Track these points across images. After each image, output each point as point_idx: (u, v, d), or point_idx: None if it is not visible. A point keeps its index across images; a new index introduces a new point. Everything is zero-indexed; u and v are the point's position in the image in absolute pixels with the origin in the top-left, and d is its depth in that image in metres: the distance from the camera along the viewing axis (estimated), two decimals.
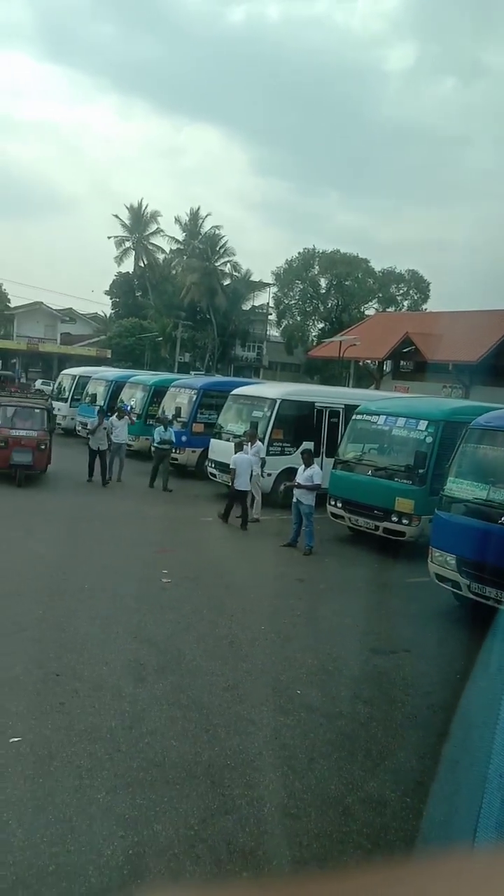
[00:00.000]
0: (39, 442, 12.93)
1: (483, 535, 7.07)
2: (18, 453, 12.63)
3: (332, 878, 0.48)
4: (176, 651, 6.14)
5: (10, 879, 3.30)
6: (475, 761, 1.65)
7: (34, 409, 13.59)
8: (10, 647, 5.87)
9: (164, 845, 3.64)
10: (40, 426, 13.22)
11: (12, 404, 13.59)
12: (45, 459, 13.25)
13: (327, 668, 6.06)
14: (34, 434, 12.94)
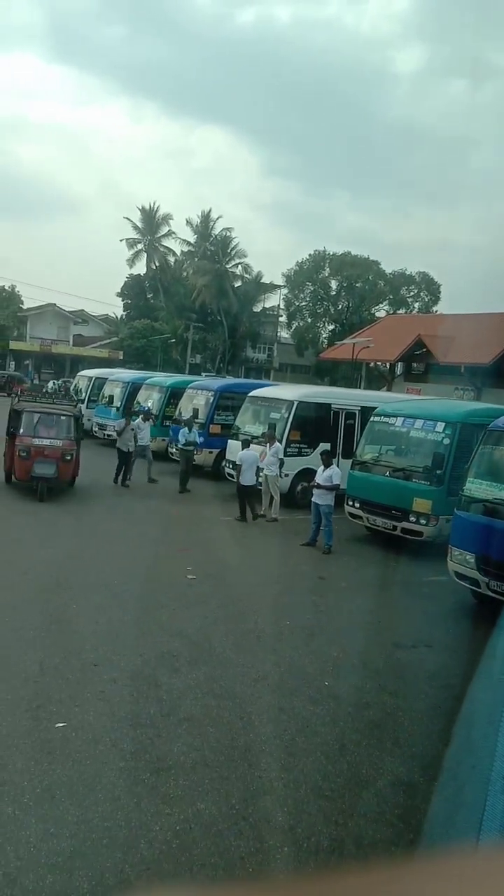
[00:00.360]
0: (64, 452, 11.84)
1: (502, 534, 7.26)
2: (41, 465, 11.54)
3: (333, 878, 0.48)
4: (206, 644, 6.37)
5: (68, 851, 3.53)
6: (478, 763, 1.65)
7: (60, 417, 12.40)
8: (47, 640, 6.11)
9: (208, 822, 3.87)
10: (66, 435, 12.16)
11: (37, 410, 12.46)
12: (71, 471, 12.30)
13: (352, 661, 6.27)
14: (59, 444, 11.86)
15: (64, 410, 12.73)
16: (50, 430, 12.09)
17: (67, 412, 12.72)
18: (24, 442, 11.74)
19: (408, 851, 3.50)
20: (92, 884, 3.32)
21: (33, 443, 11.71)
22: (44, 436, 11.91)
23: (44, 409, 12.59)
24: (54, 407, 12.89)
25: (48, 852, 3.50)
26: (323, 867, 3.61)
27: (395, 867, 0.49)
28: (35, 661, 5.62)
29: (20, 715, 4.79)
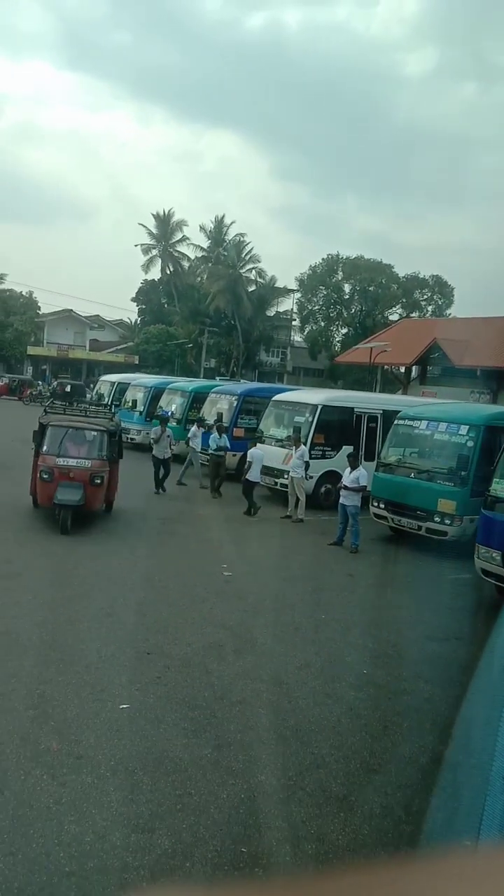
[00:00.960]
0: (94, 474, 10.01)
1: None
2: (64, 489, 9.69)
3: (332, 877, 0.48)
4: (248, 635, 6.75)
5: (146, 814, 3.91)
6: (477, 762, 1.66)
7: (90, 432, 10.54)
8: (101, 631, 6.51)
9: (269, 791, 4.24)
10: (97, 454, 10.35)
11: (63, 424, 10.63)
12: (102, 496, 10.48)
13: (388, 651, 6.62)
14: (87, 464, 10.07)
15: (96, 424, 10.88)
16: (79, 448, 10.32)
17: (100, 426, 10.80)
18: (47, 462, 9.97)
19: (408, 849, 3.50)
20: (172, 841, 3.70)
21: (56, 463, 9.90)
22: (70, 454, 10.18)
23: (72, 423, 10.78)
24: (85, 421, 11.07)
25: (129, 815, 3.88)
26: (322, 867, 3.66)
27: (396, 866, 0.48)
28: (93, 651, 6.01)
29: (86, 698, 5.18)
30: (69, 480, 9.85)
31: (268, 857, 3.68)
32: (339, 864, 3.56)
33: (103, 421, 11.34)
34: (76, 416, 11.44)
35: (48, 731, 4.66)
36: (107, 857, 3.55)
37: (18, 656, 5.77)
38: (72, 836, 3.67)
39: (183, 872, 3.49)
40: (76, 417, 11.35)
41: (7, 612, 6.73)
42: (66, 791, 4.04)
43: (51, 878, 3.37)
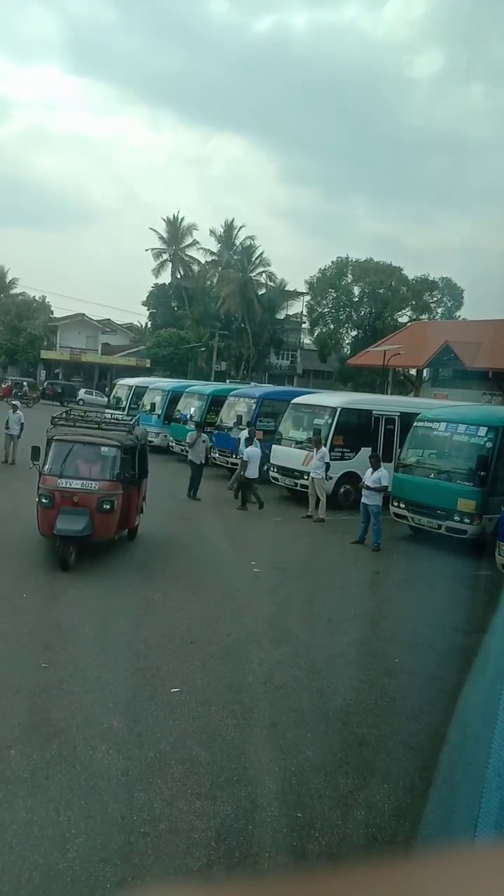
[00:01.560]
0: (103, 499, 8.34)
1: None
2: (66, 517, 8.10)
3: (331, 875, 0.48)
4: (283, 626, 7.10)
5: (207, 784, 4.26)
6: (474, 760, 1.63)
7: (100, 448, 8.83)
8: (144, 621, 6.88)
9: (317, 765, 4.58)
10: (109, 474, 8.63)
11: (69, 439, 8.88)
12: (114, 523, 8.62)
13: (417, 641, 6.95)
14: (94, 487, 8.40)
15: (110, 439, 9.04)
16: (86, 467, 8.68)
17: (114, 441, 8.98)
18: (48, 484, 8.43)
19: (406, 847, 3.56)
20: (233, 807, 4.04)
21: (58, 485, 8.33)
22: (76, 475, 8.53)
23: (79, 437, 9.01)
24: (97, 435, 9.26)
25: (192, 785, 4.23)
26: (321, 865, 3.71)
27: (395, 865, 0.48)
28: (139, 640, 6.38)
29: (140, 682, 5.54)
30: (73, 506, 8.21)
31: (322, 821, 4.02)
32: (338, 863, 3.47)
33: (119, 435, 9.38)
34: (88, 429, 9.54)
35: (108, 712, 5.02)
36: (176, 820, 3.90)
37: (74, 644, 6.14)
38: (142, 802, 4.03)
39: (244, 837, 3.84)
40: (87, 431, 9.43)
41: (61, 606, 7.11)
42: (132, 764, 4.40)
43: (128, 837, 3.73)
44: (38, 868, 3.44)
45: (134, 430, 10.07)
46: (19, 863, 3.46)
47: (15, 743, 4.49)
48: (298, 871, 3.75)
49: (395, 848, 3.75)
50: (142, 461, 9.85)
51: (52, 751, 4.45)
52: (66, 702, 5.11)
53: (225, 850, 3.71)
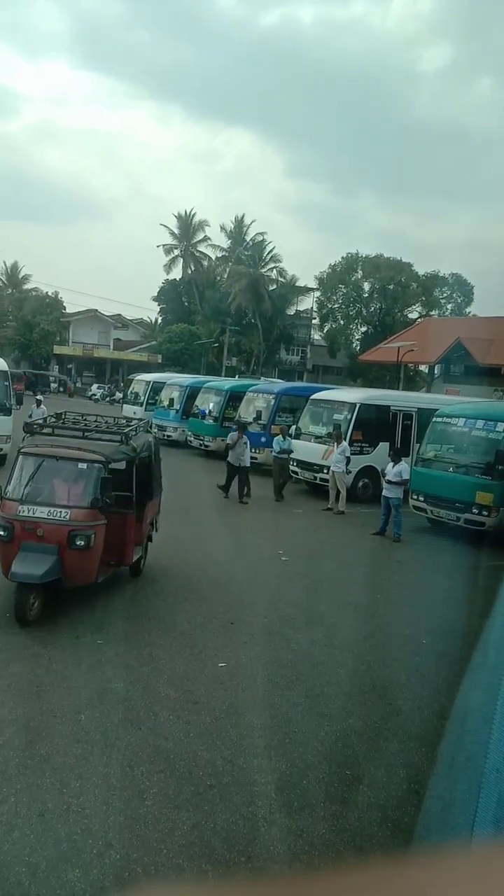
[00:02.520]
0: (76, 532, 6.28)
1: None
2: (25, 557, 6.19)
3: (331, 874, 0.47)
4: (314, 610, 7.52)
5: (262, 745, 4.69)
6: (472, 756, 1.65)
7: (76, 464, 6.74)
8: (186, 603, 7.31)
9: (360, 731, 5.01)
10: (87, 498, 6.53)
11: (40, 453, 6.88)
12: (93, 564, 6.50)
13: (444, 625, 7.35)
14: (65, 516, 6.37)
15: (92, 451, 6.84)
16: (61, 490, 6.71)
17: (96, 455, 6.78)
18: (7, 511, 6.44)
19: (406, 841, 3.60)
20: (288, 765, 4.47)
21: (17, 513, 6.37)
22: (45, 500, 6.54)
23: (51, 450, 6.91)
24: (76, 446, 7.01)
25: (248, 746, 4.66)
26: (321, 865, 3.84)
27: (395, 865, 0.48)
28: (183, 620, 6.81)
29: (188, 657, 5.98)
30: (37, 541, 6.26)
31: (368, 778, 4.44)
32: (337, 862, 3.49)
33: (106, 446, 7.13)
34: (68, 438, 7.37)
35: (164, 682, 5.46)
36: (237, 775, 4.33)
37: (122, 624, 6.57)
38: (205, 760, 4.46)
39: (301, 789, 4.26)
40: (66, 441, 7.23)
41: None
42: (192, 728, 4.83)
43: (197, 789, 4.16)
44: (122, 813, 3.87)
45: (131, 438, 7.49)
46: (104, 808, 3.89)
47: (84, 709, 4.93)
48: (298, 870, 3.76)
49: (396, 842, 3.80)
50: (146, 477, 7.76)
51: (118, 716, 4.88)
52: (123, 674, 5.54)
53: (284, 800, 4.13)
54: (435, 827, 2.06)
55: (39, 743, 4.46)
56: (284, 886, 0.52)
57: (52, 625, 6.29)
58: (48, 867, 3.41)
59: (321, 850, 3.75)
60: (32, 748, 4.39)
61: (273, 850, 3.70)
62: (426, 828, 2.33)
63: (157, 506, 8.48)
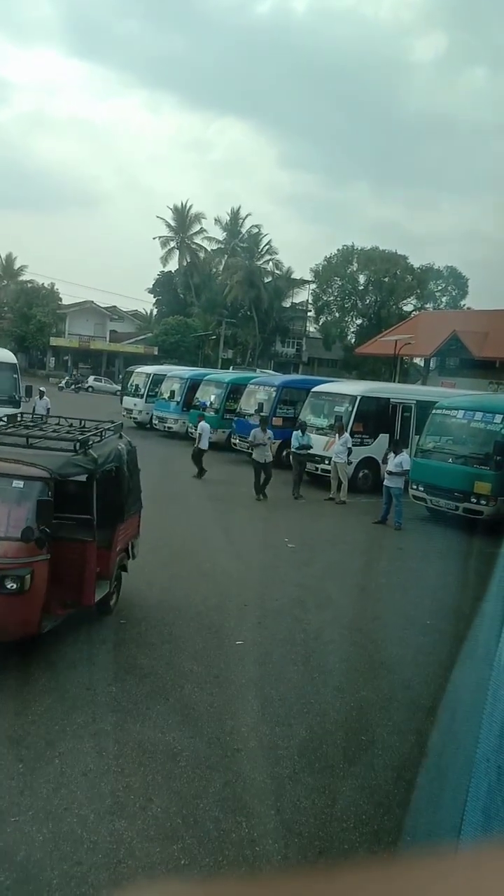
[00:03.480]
0: (5, 573, 5.00)
1: None
2: None
3: (330, 874, 0.47)
4: (324, 593, 7.87)
5: (282, 714, 5.03)
6: (462, 746, 1.68)
7: (10, 483, 5.34)
8: (201, 587, 7.62)
9: (372, 702, 5.36)
10: (19, 528, 5.15)
11: None
12: (34, 609, 5.16)
13: (444, 608, 7.70)
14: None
15: (32, 465, 5.42)
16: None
17: (37, 471, 5.39)
18: None
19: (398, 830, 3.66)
20: (308, 732, 4.81)
21: None
22: None
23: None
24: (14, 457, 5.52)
25: (269, 715, 5.00)
26: (320, 863, 3.65)
27: (394, 863, 0.48)
28: (199, 602, 7.14)
29: (207, 636, 6.31)
30: None
31: (382, 743, 4.79)
32: (335, 860, 3.58)
33: (53, 458, 5.58)
34: (12, 445, 5.88)
35: (186, 658, 5.79)
36: (262, 740, 4.67)
37: (141, 606, 6.89)
38: (230, 727, 4.80)
39: (321, 753, 4.60)
40: (8, 449, 5.72)
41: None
42: (215, 699, 5.17)
43: (226, 752, 4.50)
44: (159, 772, 4.21)
45: (91, 446, 5.94)
46: (142, 770, 4.22)
47: (114, 682, 5.26)
48: (297, 869, 3.63)
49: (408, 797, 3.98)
50: (116, 494, 6.32)
51: (146, 688, 5.22)
52: (147, 651, 5.87)
53: (306, 762, 4.48)
54: (426, 816, 2.20)
55: (76, 712, 4.78)
56: (283, 885, 0.50)
57: None
58: (96, 818, 3.74)
59: (343, 805, 4.10)
60: (70, 716, 4.71)
61: (300, 805, 4.04)
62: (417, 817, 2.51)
63: (133, 528, 6.88)
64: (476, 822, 1.38)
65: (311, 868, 1.16)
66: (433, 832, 1.98)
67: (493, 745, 1.38)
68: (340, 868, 0.47)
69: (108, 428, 6.99)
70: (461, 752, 1.67)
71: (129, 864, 3.45)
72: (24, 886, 3.23)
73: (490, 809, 1.34)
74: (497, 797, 1.32)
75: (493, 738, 1.39)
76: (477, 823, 1.37)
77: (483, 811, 1.36)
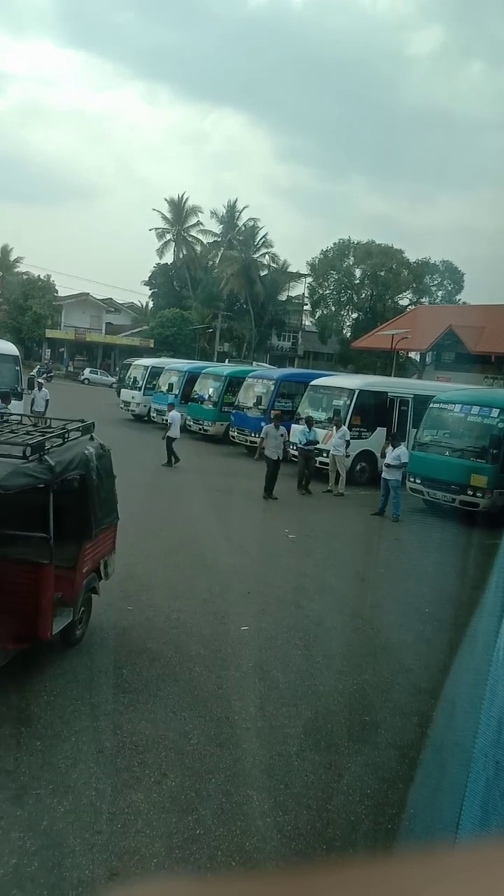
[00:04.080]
0: None
1: None
2: None
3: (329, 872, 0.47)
4: (324, 582, 8.05)
5: (288, 696, 5.21)
6: (461, 739, 1.68)
7: None
8: (203, 576, 7.79)
9: (374, 685, 5.55)
10: None
11: None
12: None
13: (442, 596, 7.91)
14: None
15: None
16: None
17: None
18: None
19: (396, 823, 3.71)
20: (313, 713, 5.00)
21: None
22: None
23: None
24: None
25: (275, 696, 5.18)
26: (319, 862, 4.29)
27: (394, 862, 0.48)
28: (204, 590, 7.31)
29: (213, 621, 6.48)
30: None
31: (385, 724, 4.98)
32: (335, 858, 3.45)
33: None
34: None
35: (194, 643, 5.96)
36: (270, 719, 4.85)
37: (148, 592, 7.05)
38: (239, 707, 4.97)
39: (326, 732, 4.79)
40: None
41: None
42: (223, 681, 5.34)
43: (235, 731, 4.67)
44: (171, 749, 4.38)
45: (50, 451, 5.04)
46: (155, 747, 4.39)
47: (125, 664, 5.42)
48: (297, 868, 4.09)
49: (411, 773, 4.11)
50: (84, 507, 5.49)
51: (157, 670, 5.38)
52: (155, 636, 6.04)
53: (312, 741, 4.66)
54: (424, 810, 2.18)
55: (89, 693, 4.95)
56: (282, 885, 0.50)
57: None
58: (114, 792, 3.91)
59: (348, 780, 4.28)
60: (83, 697, 4.88)
61: (308, 780, 4.23)
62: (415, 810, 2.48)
63: (106, 544, 6.03)
64: (474, 816, 1.38)
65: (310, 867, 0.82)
66: (431, 826, 2.00)
67: (491, 740, 1.39)
68: (340, 866, 0.46)
69: (74, 429, 5.83)
70: (459, 747, 1.68)
71: (147, 833, 3.62)
72: (49, 852, 3.40)
73: (488, 804, 1.34)
74: (495, 792, 1.33)
75: (491, 733, 1.40)
76: (475, 818, 1.38)
77: (481, 806, 1.37)
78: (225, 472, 15.40)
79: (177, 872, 3.48)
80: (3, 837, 3.46)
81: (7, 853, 3.36)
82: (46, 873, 3.27)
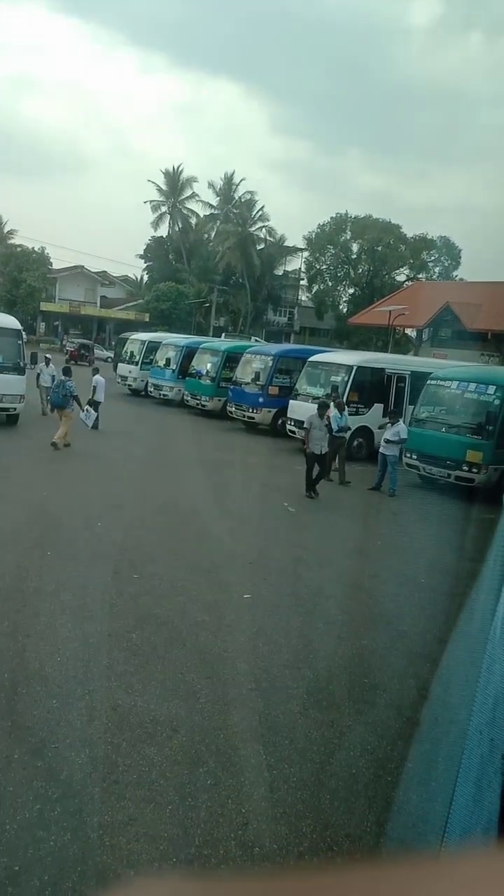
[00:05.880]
0: None
1: None
2: None
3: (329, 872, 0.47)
4: (325, 554, 8.26)
5: (291, 658, 5.43)
6: (455, 718, 1.69)
7: None
8: (206, 547, 7.99)
9: (373, 650, 5.78)
10: None
11: None
12: None
13: (438, 567, 8.15)
14: None
15: None
16: None
17: None
18: None
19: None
20: (315, 674, 5.22)
21: None
22: None
23: None
24: None
25: (278, 659, 5.39)
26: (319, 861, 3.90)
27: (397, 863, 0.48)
28: (207, 560, 7.51)
29: (216, 590, 6.69)
30: None
31: (383, 685, 5.21)
32: (339, 858, 3.64)
33: None
34: None
35: (199, 610, 6.16)
36: (273, 681, 5.07)
37: (153, 563, 7.24)
38: (244, 670, 5.19)
39: (328, 692, 5.01)
40: None
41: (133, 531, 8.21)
42: (228, 645, 5.55)
43: (241, 691, 4.89)
44: (182, 708, 4.59)
45: None
46: (166, 705, 4.61)
47: (133, 629, 5.62)
48: (296, 867, 3.89)
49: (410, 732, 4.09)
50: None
51: (164, 635, 5.58)
52: (162, 602, 6.24)
53: (314, 700, 4.88)
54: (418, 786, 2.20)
55: (101, 656, 5.15)
56: (282, 884, 0.50)
57: (90, 562, 6.96)
58: (128, 746, 4.13)
59: (350, 737, 4.51)
60: (95, 660, 5.08)
61: (311, 736, 4.45)
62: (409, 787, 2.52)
63: None
64: (468, 792, 1.41)
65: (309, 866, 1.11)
66: (425, 802, 2.02)
67: (486, 718, 1.40)
68: (339, 866, 0.47)
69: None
70: (455, 724, 1.70)
71: (161, 783, 3.84)
72: (70, 800, 3.61)
73: (482, 780, 1.36)
74: (489, 768, 1.35)
75: (486, 710, 1.41)
76: (469, 794, 1.40)
77: (475, 782, 1.39)
78: (224, 447, 15.55)
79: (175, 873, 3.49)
80: (27, 786, 3.67)
81: (31, 800, 3.57)
82: (69, 817, 3.49)
